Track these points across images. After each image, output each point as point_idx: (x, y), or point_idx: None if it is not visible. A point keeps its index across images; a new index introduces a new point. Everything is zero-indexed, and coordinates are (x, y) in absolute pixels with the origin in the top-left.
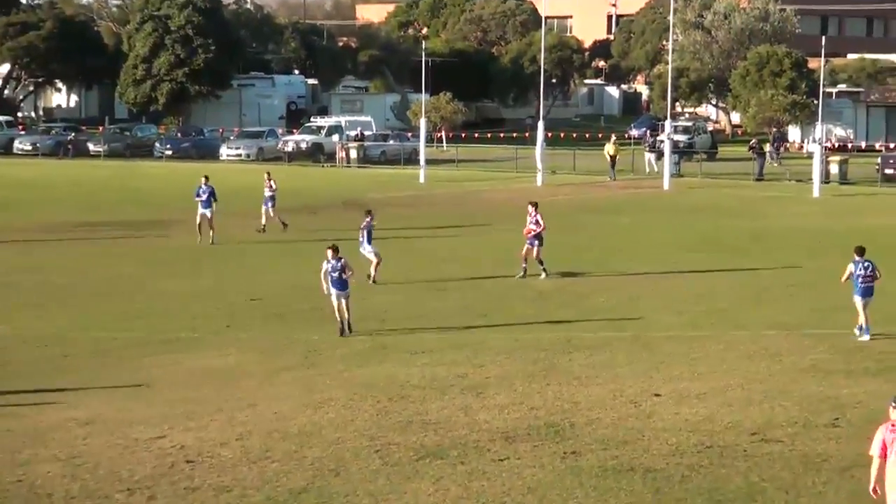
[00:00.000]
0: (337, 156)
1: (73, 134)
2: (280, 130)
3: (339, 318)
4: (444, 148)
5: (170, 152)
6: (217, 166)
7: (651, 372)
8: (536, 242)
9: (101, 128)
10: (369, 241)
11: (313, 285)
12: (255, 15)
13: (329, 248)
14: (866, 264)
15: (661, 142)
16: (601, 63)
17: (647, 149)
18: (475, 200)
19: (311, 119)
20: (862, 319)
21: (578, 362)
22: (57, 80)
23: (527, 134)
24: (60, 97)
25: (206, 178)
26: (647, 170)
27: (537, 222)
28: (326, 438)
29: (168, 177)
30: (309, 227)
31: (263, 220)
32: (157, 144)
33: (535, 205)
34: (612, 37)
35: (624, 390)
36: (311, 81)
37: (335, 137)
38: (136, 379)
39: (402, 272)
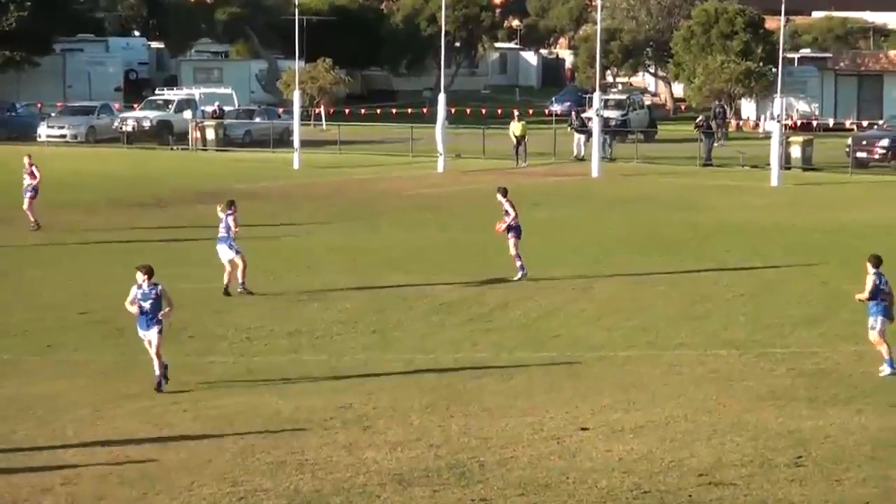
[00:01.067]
0: (190, 136)
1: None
2: (116, 105)
3: (155, 365)
4: (324, 127)
5: None
6: (34, 149)
7: (576, 401)
8: (513, 235)
9: None
10: (230, 242)
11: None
12: None
13: (140, 268)
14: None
15: (589, 119)
16: (515, 23)
17: (572, 128)
18: (362, 190)
19: (157, 91)
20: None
21: (489, 389)
22: None
23: (424, 110)
24: None
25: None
26: (575, 153)
27: (507, 212)
28: (176, 484)
29: None
30: (154, 224)
31: (31, 217)
32: None
33: (504, 191)
34: None
35: (544, 423)
36: (156, 45)
37: (187, 114)
38: None
39: (272, 279)
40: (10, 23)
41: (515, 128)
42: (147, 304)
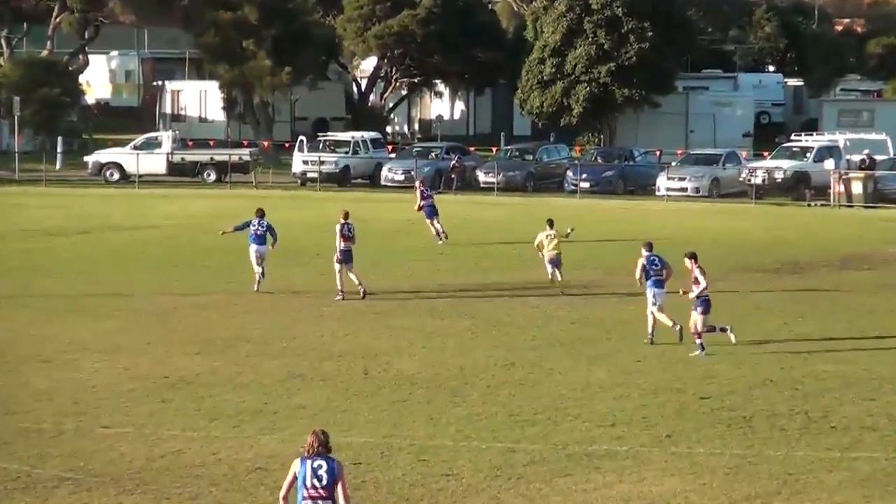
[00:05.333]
0: (832, 191)
1: (457, 157)
2: (744, 153)
3: None
4: None
5: (586, 185)
6: (652, 204)
7: None
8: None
9: (494, 149)
10: None
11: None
12: None
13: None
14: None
15: None
16: None
17: None
18: None
19: (793, 137)
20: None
21: None
22: (437, 82)
23: None
24: (441, 105)
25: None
26: None
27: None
28: None
29: (584, 217)
30: (787, 288)
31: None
32: (569, 173)
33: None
34: None
35: None
36: (794, 82)
37: (829, 164)
38: None
39: None
40: (631, 56)
41: None
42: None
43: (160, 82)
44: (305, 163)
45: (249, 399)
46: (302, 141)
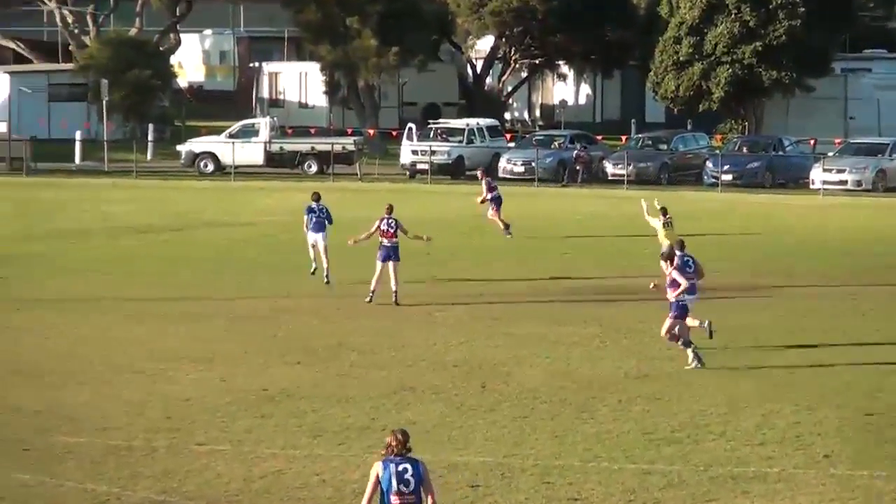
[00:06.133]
0: None
1: (582, 147)
2: None
3: None
4: None
5: (729, 177)
6: (806, 199)
7: None
8: None
9: (623, 138)
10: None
11: None
12: None
13: None
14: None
15: None
16: None
17: None
18: None
19: None
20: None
21: None
22: (561, 63)
23: None
24: (565, 89)
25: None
26: None
27: None
28: None
29: (727, 215)
30: None
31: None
32: (709, 165)
33: None
34: None
35: None
36: None
37: None
38: None
39: None
40: (779, 34)
41: None
42: None
43: (257, 64)
44: (415, 153)
45: (355, 414)
46: (411, 129)
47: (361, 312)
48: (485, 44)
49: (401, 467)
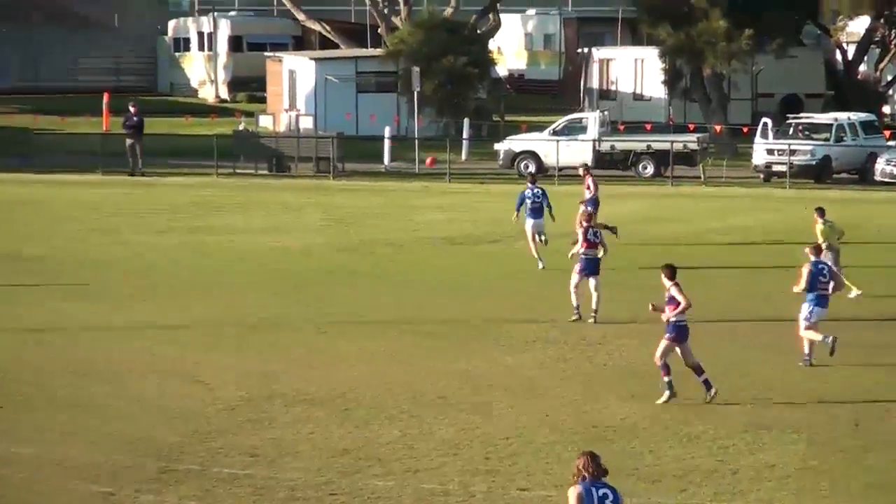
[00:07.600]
0: None
1: None
2: None
3: None
4: None
5: None
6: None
7: None
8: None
9: None
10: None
11: None
12: None
13: None
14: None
15: None
16: None
17: None
18: None
19: None
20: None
21: None
22: None
23: None
24: None
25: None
26: None
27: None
28: None
29: None
30: None
31: None
32: None
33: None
34: None
35: None
36: None
37: None
38: None
39: None
40: None
41: None
42: None
43: (586, 49)
44: (771, 152)
45: (700, 455)
46: (766, 124)
47: (699, 335)
48: (858, 25)
49: (601, 492)
